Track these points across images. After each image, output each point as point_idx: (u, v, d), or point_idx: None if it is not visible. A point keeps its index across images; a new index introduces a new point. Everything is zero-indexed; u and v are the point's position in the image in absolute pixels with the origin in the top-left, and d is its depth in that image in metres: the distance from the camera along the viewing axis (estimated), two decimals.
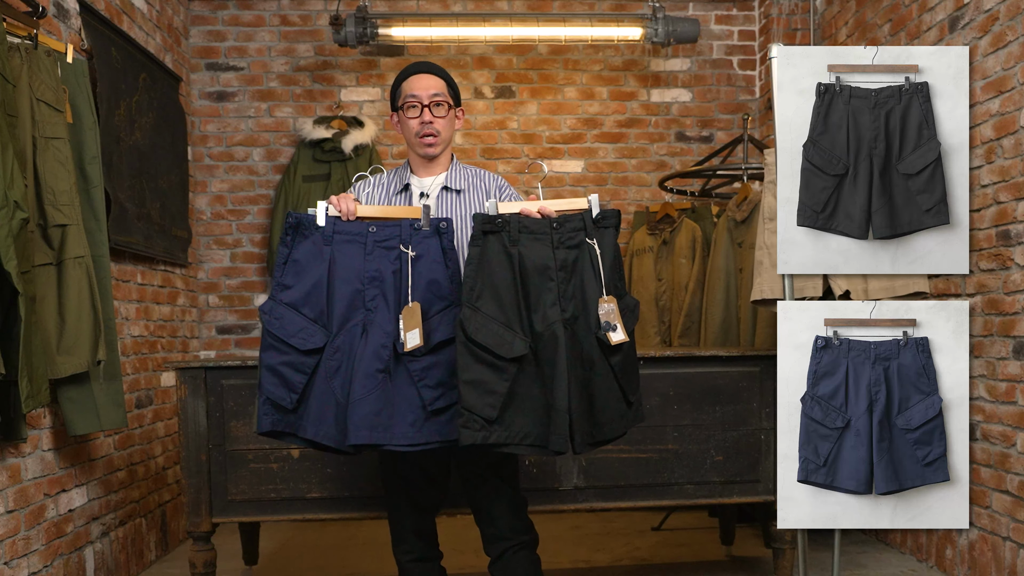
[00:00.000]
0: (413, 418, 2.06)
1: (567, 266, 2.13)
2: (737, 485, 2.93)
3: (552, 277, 2.12)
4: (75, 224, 2.63)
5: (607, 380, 2.13)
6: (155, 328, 3.82)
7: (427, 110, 2.29)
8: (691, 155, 4.71)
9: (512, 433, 2.05)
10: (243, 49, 4.55)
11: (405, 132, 2.34)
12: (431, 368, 2.08)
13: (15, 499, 2.62)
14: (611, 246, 2.16)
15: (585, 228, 2.15)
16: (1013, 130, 2.83)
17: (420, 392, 2.06)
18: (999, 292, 2.92)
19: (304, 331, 2.07)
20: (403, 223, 2.14)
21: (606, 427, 2.15)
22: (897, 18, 3.58)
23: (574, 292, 2.13)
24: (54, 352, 2.59)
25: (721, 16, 4.74)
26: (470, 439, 2.02)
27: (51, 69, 2.62)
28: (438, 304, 2.12)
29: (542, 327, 2.08)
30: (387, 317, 2.09)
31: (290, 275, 2.11)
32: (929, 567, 3.31)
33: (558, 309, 2.09)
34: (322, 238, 2.12)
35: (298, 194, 4.40)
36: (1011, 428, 2.85)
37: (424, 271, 2.11)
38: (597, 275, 2.13)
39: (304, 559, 3.62)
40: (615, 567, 3.45)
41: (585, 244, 2.15)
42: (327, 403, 2.07)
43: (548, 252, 2.13)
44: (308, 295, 2.10)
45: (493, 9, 4.62)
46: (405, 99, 2.30)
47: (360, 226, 2.13)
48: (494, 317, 2.07)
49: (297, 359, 2.07)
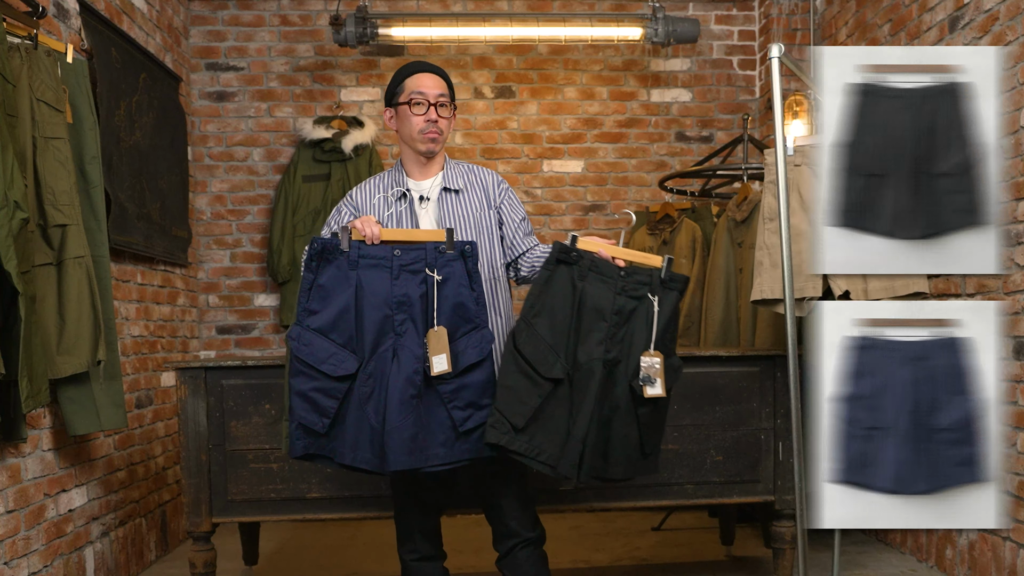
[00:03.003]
0: (444, 438, 2.10)
1: (623, 312, 2.25)
2: (737, 485, 2.93)
3: (606, 319, 2.23)
4: (75, 224, 2.63)
5: (628, 427, 2.24)
6: (155, 328, 3.82)
7: (433, 108, 2.29)
8: (691, 155, 4.71)
9: (532, 447, 2.17)
10: (243, 49, 4.55)
11: (405, 128, 2.32)
12: (460, 390, 2.12)
13: (15, 499, 2.62)
14: (671, 307, 2.27)
15: (651, 284, 2.26)
16: (1013, 130, 2.83)
17: (451, 413, 2.11)
18: (999, 292, 2.92)
19: (335, 357, 2.08)
20: (428, 246, 2.14)
21: (614, 468, 2.26)
22: (897, 18, 3.58)
23: (623, 338, 2.25)
24: (54, 352, 2.59)
25: (721, 16, 4.74)
26: (494, 438, 2.13)
27: (51, 69, 2.62)
28: (464, 327, 2.14)
29: (584, 359, 2.20)
30: (416, 341, 2.11)
31: (316, 300, 2.12)
32: (929, 567, 3.31)
33: (603, 348, 2.21)
34: (347, 263, 2.12)
35: (298, 194, 4.40)
36: (1011, 428, 2.85)
37: (450, 294, 2.13)
38: (649, 329, 2.24)
39: (304, 559, 3.62)
40: (615, 567, 3.45)
41: (647, 299, 2.25)
42: (362, 429, 2.09)
43: (610, 295, 2.24)
44: (336, 320, 2.10)
45: (493, 9, 4.62)
46: (411, 95, 2.29)
47: (385, 250, 2.13)
48: (544, 337, 2.19)
49: (328, 385, 2.08)
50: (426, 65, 2.34)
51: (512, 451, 2.16)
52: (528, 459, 2.16)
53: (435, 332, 2.10)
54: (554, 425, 2.18)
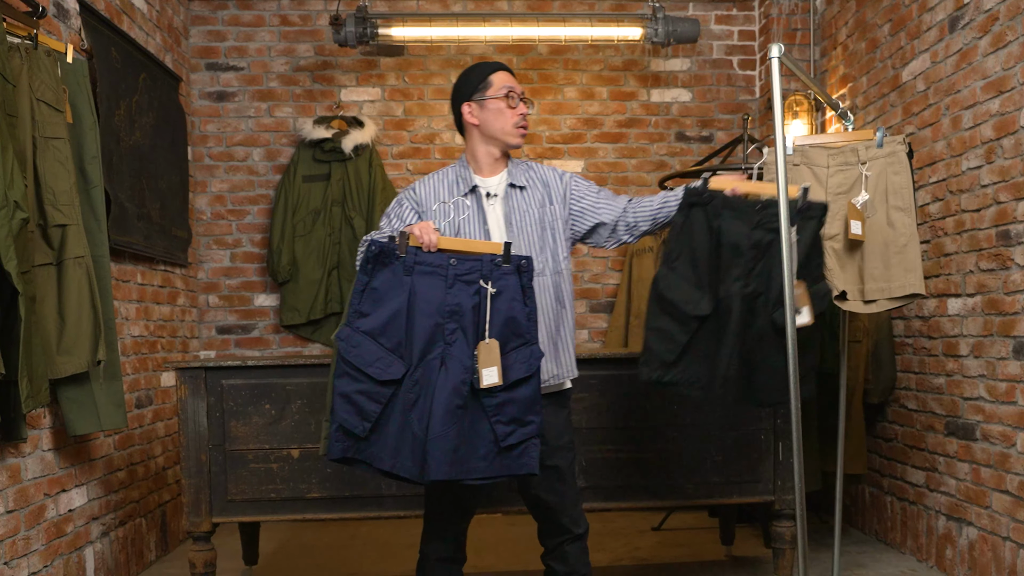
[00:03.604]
0: (485, 452, 2.09)
1: (760, 246, 2.31)
2: (737, 485, 2.93)
3: (743, 254, 2.31)
4: (75, 224, 2.63)
5: (774, 355, 2.31)
6: (155, 328, 3.82)
7: (522, 103, 2.35)
8: (691, 155, 4.71)
9: (684, 376, 2.33)
10: (243, 49, 4.55)
11: (497, 122, 2.32)
12: (505, 404, 2.10)
13: (15, 499, 2.62)
14: (810, 235, 2.33)
15: (789, 215, 2.28)
16: (1013, 130, 2.83)
17: (493, 427, 2.09)
18: (999, 292, 2.92)
19: (381, 361, 2.07)
20: (484, 258, 2.13)
21: (764, 394, 2.36)
22: (897, 18, 3.58)
23: (761, 271, 2.31)
24: (54, 352, 2.59)
25: (721, 16, 4.74)
26: (647, 375, 2.32)
27: (51, 69, 2.62)
28: (514, 341, 2.12)
29: (724, 294, 2.30)
30: (466, 351, 2.09)
31: (368, 303, 2.10)
32: (929, 567, 3.31)
33: (741, 284, 2.30)
34: (403, 268, 2.11)
35: (298, 194, 4.40)
36: (1011, 428, 2.85)
37: (503, 308, 2.11)
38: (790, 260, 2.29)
39: (304, 559, 3.62)
40: (615, 567, 3.45)
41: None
42: (404, 436, 2.07)
43: (745, 230, 2.32)
44: (387, 324, 2.09)
45: (493, 9, 4.62)
46: (508, 89, 2.31)
47: (441, 258, 2.12)
48: (687, 278, 2.32)
49: (373, 388, 2.07)
50: (502, 65, 2.38)
51: (665, 383, 2.32)
52: (682, 386, 2.31)
53: (486, 344, 2.08)
54: (702, 356, 2.31)
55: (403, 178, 4.60)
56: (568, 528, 2.34)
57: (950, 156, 3.21)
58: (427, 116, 4.62)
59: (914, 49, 3.45)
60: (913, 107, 3.46)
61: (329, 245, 4.41)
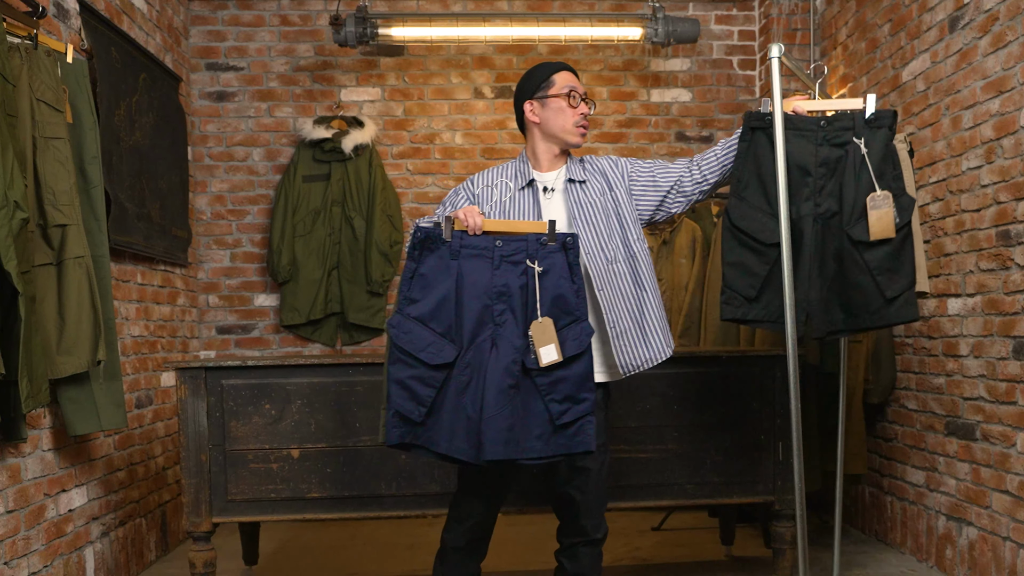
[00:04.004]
0: (540, 431, 2.10)
1: (829, 163, 2.24)
2: (737, 485, 2.93)
3: (811, 172, 2.24)
4: (75, 224, 2.63)
5: (859, 275, 2.23)
6: (155, 328, 3.82)
7: (584, 103, 2.36)
8: (691, 155, 4.71)
9: (770, 312, 2.28)
10: (243, 49, 4.55)
11: (559, 120, 2.34)
12: (558, 383, 2.11)
13: (15, 499, 2.62)
14: (882, 144, 2.23)
15: (854, 127, 2.22)
16: (1013, 130, 2.83)
17: (547, 406, 2.10)
18: (999, 292, 2.92)
19: (433, 345, 2.10)
20: (529, 238, 2.15)
21: (858, 319, 2.27)
22: (897, 18, 3.58)
23: (832, 189, 2.24)
24: (54, 352, 2.59)
25: (721, 16, 4.73)
26: (731, 314, 2.27)
27: (51, 69, 2.62)
28: (564, 319, 2.14)
29: (795, 216, 2.24)
30: (516, 332, 2.11)
31: (417, 289, 2.13)
32: (929, 567, 3.31)
33: (812, 204, 2.23)
34: (449, 252, 2.13)
35: (298, 194, 4.40)
36: (1011, 428, 2.85)
37: (550, 286, 2.13)
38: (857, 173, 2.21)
39: (304, 559, 3.62)
40: (615, 567, 3.45)
41: (852, 143, 2.22)
42: (459, 418, 2.09)
43: (811, 148, 2.24)
44: (436, 309, 2.11)
45: (493, 9, 4.62)
46: (568, 89, 2.33)
47: (486, 240, 2.14)
48: (759, 207, 2.24)
49: (426, 373, 2.09)
50: (565, 65, 2.40)
51: (750, 321, 2.27)
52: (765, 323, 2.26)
53: (540, 323, 2.09)
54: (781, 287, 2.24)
55: (403, 178, 4.60)
56: (587, 531, 2.34)
57: (950, 156, 3.21)
58: (427, 116, 4.62)
59: (914, 49, 3.45)
60: (913, 107, 3.46)
61: (329, 245, 4.41)
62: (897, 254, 2.26)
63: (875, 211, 2.21)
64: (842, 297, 2.27)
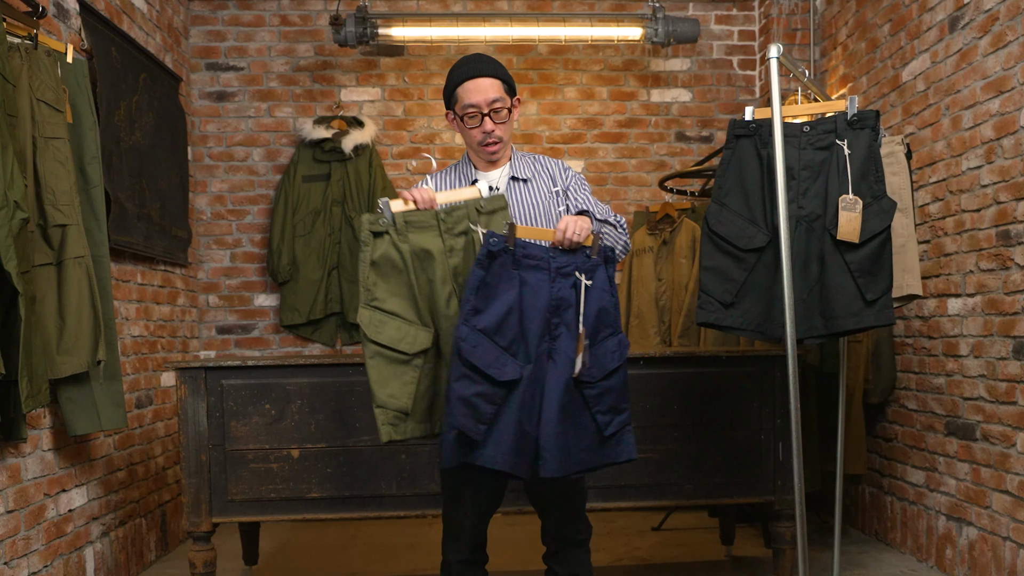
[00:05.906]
0: (588, 443, 2.08)
1: (812, 166, 2.24)
2: (737, 485, 2.93)
3: (794, 176, 2.24)
4: (75, 224, 2.63)
5: (839, 276, 2.21)
6: (155, 328, 3.82)
7: (487, 119, 2.24)
8: (691, 155, 4.71)
9: (747, 319, 2.25)
10: (243, 49, 4.55)
11: (466, 136, 2.30)
12: (603, 394, 2.10)
13: (15, 499, 2.62)
14: (864, 146, 2.22)
15: (836, 130, 2.21)
16: (1013, 130, 2.83)
17: (595, 418, 2.09)
18: (999, 292, 2.92)
19: (498, 361, 2.02)
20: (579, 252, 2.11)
21: (838, 321, 2.25)
22: (897, 18, 3.58)
23: (816, 192, 2.23)
24: (54, 352, 2.59)
25: (721, 16, 4.74)
26: (705, 318, 2.24)
27: (51, 69, 2.62)
28: (605, 331, 2.12)
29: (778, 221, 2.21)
30: (570, 345, 2.08)
31: (482, 299, 2.05)
32: (929, 567, 3.31)
33: (795, 206, 2.22)
34: (512, 261, 2.07)
35: (298, 194, 4.40)
36: (1011, 428, 2.85)
37: (594, 299, 2.12)
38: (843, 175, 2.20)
39: (304, 559, 3.62)
40: (615, 567, 3.45)
41: (835, 146, 2.22)
42: (517, 433, 2.02)
43: (795, 153, 2.24)
44: (502, 322, 2.04)
45: (493, 9, 4.62)
46: (464, 109, 2.24)
47: (543, 251, 2.10)
48: (740, 213, 2.23)
49: (490, 390, 2.01)
50: (474, 68, 2.25)
51: (725, 327, 2.23)
52: (740, 331, 2.22)
53: (580, 335, 2.09)
54: (760, 292, 2.22)
55: (403, 178, 4.60)
56: (572, 532, 2.33)
57: (950, 156, 3.21)
58: (427, 116, 4.62)
59: (914, 49, 3.45)
60: (913, 107, 3.46)
61: (329, 245, 4.41)
62: (877, 256, 2.28)
63: (845, 212, 2.22)
64: (823, 300, 2.26)
